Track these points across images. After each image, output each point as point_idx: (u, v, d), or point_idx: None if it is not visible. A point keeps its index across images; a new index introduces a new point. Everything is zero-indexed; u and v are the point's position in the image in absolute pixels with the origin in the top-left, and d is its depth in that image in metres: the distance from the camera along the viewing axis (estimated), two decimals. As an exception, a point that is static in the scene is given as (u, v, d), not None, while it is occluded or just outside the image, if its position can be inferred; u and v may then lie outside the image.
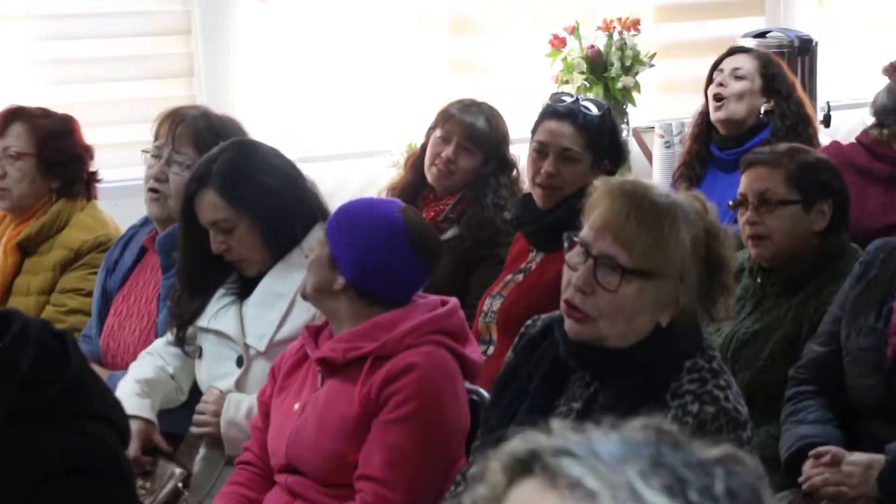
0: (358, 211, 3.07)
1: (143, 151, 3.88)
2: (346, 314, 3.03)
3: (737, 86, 4.74)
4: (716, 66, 4.83)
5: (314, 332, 3.10)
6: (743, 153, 4.64)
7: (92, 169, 4.32)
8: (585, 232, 2.53)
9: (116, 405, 2.51)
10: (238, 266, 3.45)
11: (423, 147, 4.56)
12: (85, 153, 4.30)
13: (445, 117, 4.47)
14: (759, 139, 4.67)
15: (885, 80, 4.64)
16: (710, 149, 4.80)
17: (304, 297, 3.11)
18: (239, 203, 3.38)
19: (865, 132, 4.59)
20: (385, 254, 3.01)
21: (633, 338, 2.52)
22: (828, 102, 5.34)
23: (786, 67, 4.87)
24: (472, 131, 4.41)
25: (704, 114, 4.83)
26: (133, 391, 3.43)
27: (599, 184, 2.58)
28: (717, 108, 4.74)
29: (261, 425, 3.15)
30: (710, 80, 4.82)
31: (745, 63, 4.77)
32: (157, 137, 3.85)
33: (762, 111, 4.72)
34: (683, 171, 4.86)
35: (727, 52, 4.88)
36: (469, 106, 4.48)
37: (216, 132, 3.77)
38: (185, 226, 3.47)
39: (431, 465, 2.94)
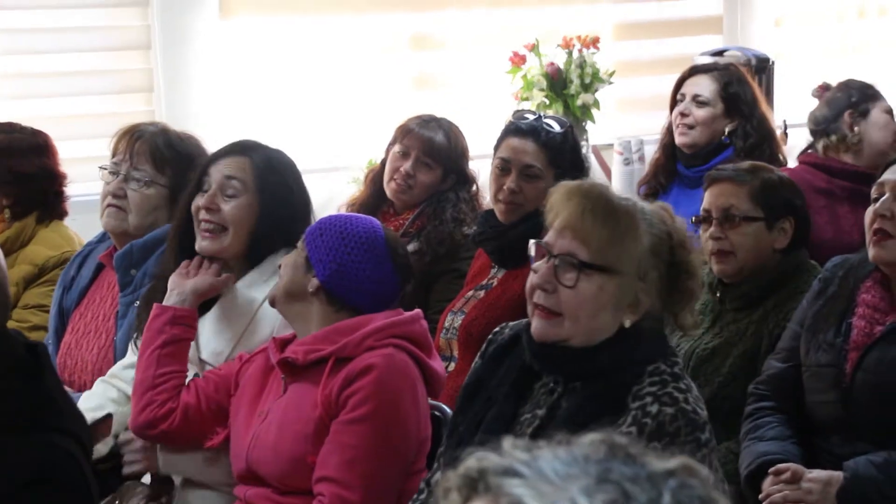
0: (342, 220, 3.11)
1: (101, 168, 3.86)
2: (314, 319, 3.05)
3: (699, 113, 4.78)
4: (678, 88, 4.86)
5: (280, 344, 3.10)
6: (707, 171, 4.70)
7: (62, 189, 4.28)
8: (548, 235, 2.59)
9: (82, 421, 2.50)
10: (211, 250, 3.39)
11: (383, 163, 4.58)
12: (48, 171, 4.25)
13: (404, 132, 4.48)
14: (723, 157, 4.71)
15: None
16: (676, 165, 4.84)
17: (273, 302, 3.11)
18: (261, 182, 3.38)
19: (812, 150, 4.63)
20: (366, 263, 3.04)
21: (597, 337, 2.56)
22: (784, 121, 5.38)
23: (749, 81, 4.90)
24: (430, 146, 4.42)
25: (671, 127, 4.87)
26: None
27: (558, 188, 2.63)
28: (682, 134, 4.78)
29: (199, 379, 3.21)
30: (673, 101, 4.85)
31: (705, 88, 4.79)
32: (114, 154, 3.82)
33: (725, 132, 4.77)
34: (651, 181, 4.90)
35: (688, 71, 4.90)
36: (428, 121, 4.50)
37: (175, 149, 3.76)
38: (177, 232, 3.45)
39: (388, 466, 2.94)
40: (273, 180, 3.40)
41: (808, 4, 6.59)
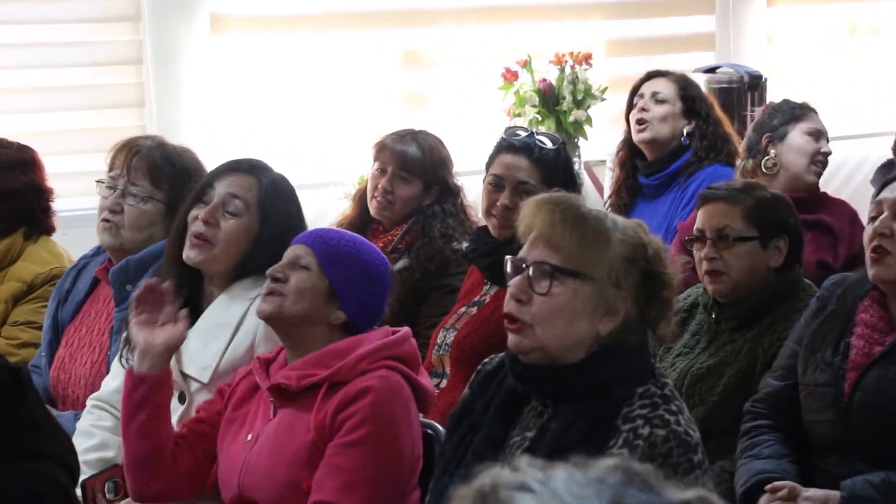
0: (352, 244, 3.08)
1: (98, 182, 3.83)
2: (314, 343, 3.02)
3: (658, 110, 4.81)
4: (635, 92, 4.89)
5: (265, 364, 3.07)
6: (668, 176, 4.73)
7: (48, 204, 4.26)
8: (522, 250, 2.61)
9: (69, 446, 2.47)
10: (201, 263, 3.39)
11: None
12: (35, 186, 4.24)
13: (380, 149, 4.49)
14: (683, 160, 4.75)
15: (834, 112, 4.76)
16: (637, 178, 4.86)
17: (274, 320, 3.06)
18: (263, 205, 3.38)
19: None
20: (381, 291, 3.06)
21: (574, 346, 2.56)
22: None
23: (702, 90, 4.95)
24: (403, 159, 4.42)
25: (628, 140, 4.90)
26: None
27: (528, 202, 2.65)
28: (641, 131, 4.80)
29: (190, 420, 3.14)
30: (630, 106, 4.88)
31: (664, 87, 4.84)
32: (111, 168, 3.79)
33: (684, 133, 4.79)
34: (614, 199, 4.93)
35: (645, 75, 4.94)
36: (403, 136, 4.50)
37: (172, 164, 3.74)
38: (174, 243, 3.43)
39: (385, 488, 2.93)
40: (275, 206, 3.39)
41: (801, 22, 6.61)
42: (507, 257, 2.63)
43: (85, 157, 5.20)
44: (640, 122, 4.82)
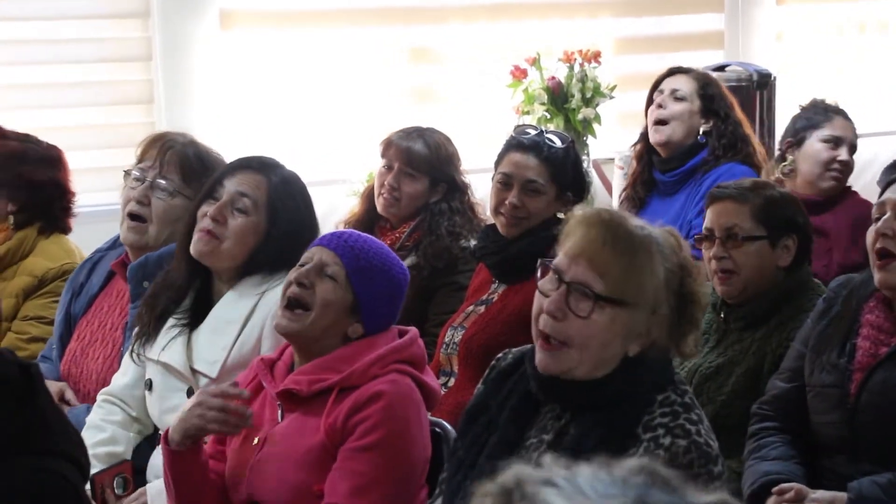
0: (379, 256, 3.04)
1: (125, 172, 3.82)
2: (325, 349, 3.00)
3: (676, 107, 4.80)
4: (655, 87, 4.88)
5: (269, 365, 3.07)
6: (684, 173, 4.72)
7: (69, 205, 4.26)
8: (560, 258, 2.53)
9: (79, 442, 2.47)
10: (208, 257, 3.39)
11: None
12: (58, 184, 4.24)
13: (387, 146, 4.50)
14: (699, 158, 4.74)
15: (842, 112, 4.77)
16: (653, 174, 4.85)
17: (292, 335, 3.02)
18: (272, 203, 3.38)
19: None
20: (399, 302, 3.06)
21: (603, 368, 2.52)
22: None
23: (724, 89, 4.92)
24: (409, 155, 4.42)
25: (645, 134, 4.89)
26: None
27: (575, 214, 2.59)
28: (657, 132, 4.79)
29: (212, 451, 3.10)
30: (650, 101, 4.86)
31: (684, 84, 4.83)
32: (140, 160, 3.79)
33: (700, 132, 4.78)
34: (629, 192, 4.92)
35: (667, 72, 4.93)
36: (410, 132, 4.50)
37: (204, 162, 3.75)
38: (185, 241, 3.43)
39: (397, 492, 2.93)
40: (285, 204, 3.39)
41: (809, 19, 6.60)
42: (542, 260, 2.57)
43: (94, 154, 5.20)
44: (657, 122, 4.81)
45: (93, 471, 3.11)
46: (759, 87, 5.54)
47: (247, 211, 3.38)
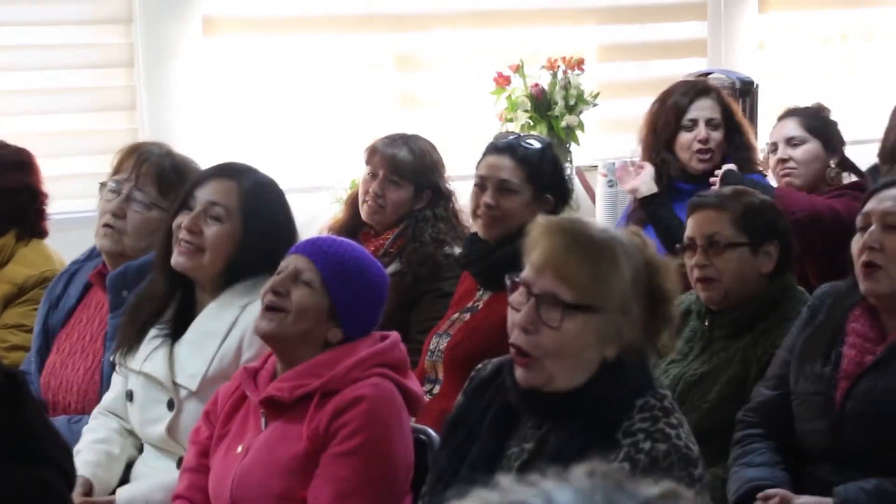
0: (355, 260, 3.04)
1: (101, 184, 3.80)
2: (304, 355, 3.00)
3: (715, 135, 4.76)
4: (690, 104, 4.79)
5: (252, 374, 3.06)
6: (703, 186, 4.66)
7: (43, 207, 4.24)
8: (526, 271, 2.53)
9: (66, 451, 2.46)
10: (190, 269, 3.37)
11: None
12: (30, 188, 4.22)
13: (371, 153, 4.50)
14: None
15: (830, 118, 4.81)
16: (673, 183, 4.78)
17: (267, 337, 3.03)
18: (245, 209, 3.34)
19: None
20: (379, 306, 3.04)
21: (582, 375, 2.52)
22: (768, 144, 5.38)
23: (731, 99, 4.96)
24: (394, 163, 4.42)
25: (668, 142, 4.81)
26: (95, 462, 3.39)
27: (537, 223, 2.58)
28: (703, 161, 4.73)
29: (194, 464, 3.09)
30: (678, 124, 4.77)
31: (713, 110, 4.77)
32: (116, 171, 3.75)
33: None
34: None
35: (695, 92, 4.82)
36: (395, 139, 4.50)
37: (181, 173, 3.71)
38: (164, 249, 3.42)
39: (380, 497, 2.92)
40: (258, 208, 3.36)
41: (791, 28, 6.61)
42: (509, 275, 2.57)
43: (75, 160, 5.19)
44: (701, 151, 4.75)
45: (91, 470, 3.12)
46: (741, 95, 5.55)
47: (220, 218, 3.35)
